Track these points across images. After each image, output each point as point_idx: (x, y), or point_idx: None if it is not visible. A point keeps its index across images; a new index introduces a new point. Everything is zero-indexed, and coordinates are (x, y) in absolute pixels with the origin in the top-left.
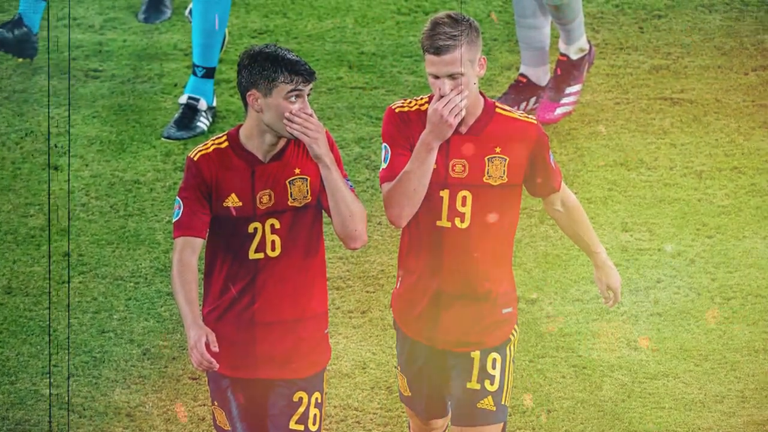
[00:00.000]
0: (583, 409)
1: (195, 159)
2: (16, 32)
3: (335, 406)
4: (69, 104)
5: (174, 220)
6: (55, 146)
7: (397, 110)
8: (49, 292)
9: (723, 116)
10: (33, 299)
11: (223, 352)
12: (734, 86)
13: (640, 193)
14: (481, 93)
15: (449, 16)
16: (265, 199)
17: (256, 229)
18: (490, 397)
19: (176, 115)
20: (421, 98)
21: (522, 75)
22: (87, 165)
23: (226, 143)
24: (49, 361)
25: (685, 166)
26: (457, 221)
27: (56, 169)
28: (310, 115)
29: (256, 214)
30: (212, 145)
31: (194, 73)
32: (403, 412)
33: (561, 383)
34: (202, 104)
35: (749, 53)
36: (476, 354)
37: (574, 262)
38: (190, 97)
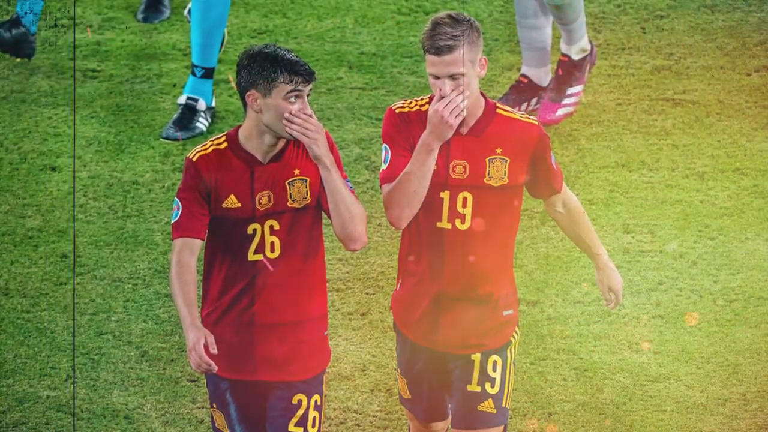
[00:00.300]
0: (584, 412)
1: (194, 160)
2: (14, 32)
3: (335, 409)
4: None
5: (172, 222)
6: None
7: (397, 111)
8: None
9: (725, 117)
10: (30, 300)
11: (222, 355)
12: (737, 87)
13: (642, 194)
14: (481, 94)
15: (450, 16)
16: (264, 200)
17: (255, 230)
18: (490, 400)
19: (175, 116)
20: (422, 99)
21: (523, 75)
22: (85, 166)
23: (225, 144)
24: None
25: (687, 168)
26: (457, 223)
27: (54, 170)
28: (310, 116)
29: (255, 215)
30: (211, 145)
31: (193, 74)
32: (403, 415)
33: (562, 386)
34: (201, 105)
35: (752, 54)
36: (477, 356)
37: (575, 264)
38: (188, 98)
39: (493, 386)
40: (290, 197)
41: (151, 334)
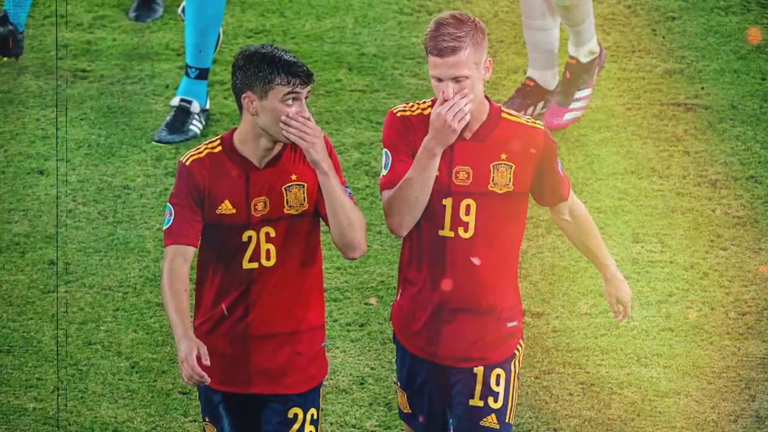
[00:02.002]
0: (590, 428)
1: (187, 164)
2: (2, 30)
3: (332, 423)
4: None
5: (164, 228)
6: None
7: (398, 114)
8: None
9: (739, 123)
10: (16, 309)
11: (215, 366)
12: (751, 92)
13: (652, 202)
14: (486, 97)
15: (454, 17)
16: (259, 206)
17: (250, 237)
18: (493, 415)
19: (168, 118)
20: (424, 102)
21: (529, 78)
22: (74, 169)
23: (219, 148)
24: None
25: (699, 175)
26: (460, 231)
27: (41, 173)
28: (308, 119)
29: (250, 221)
30: (205, 149)
31: (187, 74)
32: (403, 430)
33: (568, 401)
34: (195, 107)
35: (767, 57)
36: (479, 370)
37: (582, 275)
38: (182, 99)
39: (496, 401)
40: (287, 203)
41: (142, 345)
